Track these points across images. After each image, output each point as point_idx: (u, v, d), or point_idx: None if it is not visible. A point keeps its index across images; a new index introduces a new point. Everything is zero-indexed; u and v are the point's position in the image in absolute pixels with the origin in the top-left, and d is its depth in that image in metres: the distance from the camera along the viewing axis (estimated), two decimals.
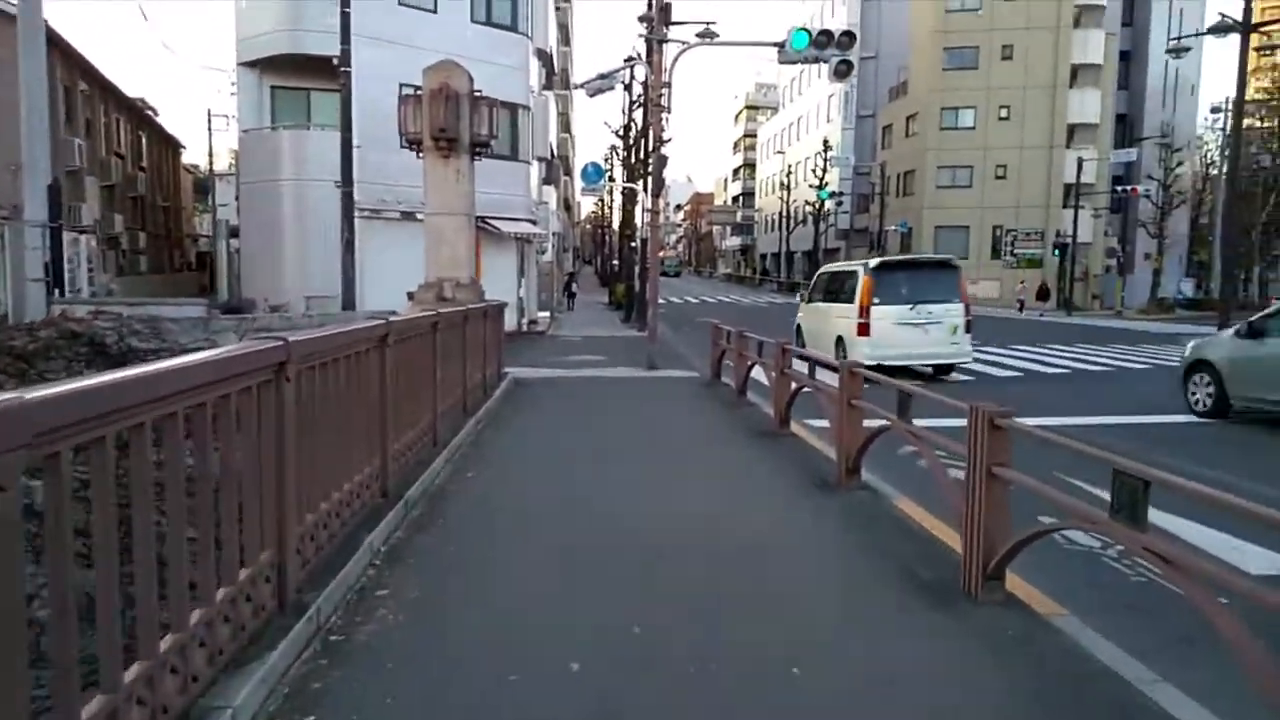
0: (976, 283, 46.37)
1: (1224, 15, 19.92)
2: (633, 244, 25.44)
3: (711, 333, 12.44)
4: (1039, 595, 4.01)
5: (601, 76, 15.78)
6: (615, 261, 37.23)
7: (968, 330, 12.69)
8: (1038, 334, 24.03)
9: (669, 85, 13.88)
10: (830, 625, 3.77)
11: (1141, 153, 43.91)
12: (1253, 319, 9.99)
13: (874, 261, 13.00)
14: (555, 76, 37.58)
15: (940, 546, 4.75)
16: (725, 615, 3.79)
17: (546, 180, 28.86)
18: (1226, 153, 34.38)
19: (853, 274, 12.91)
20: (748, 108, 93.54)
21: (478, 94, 11.75)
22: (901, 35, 51.46)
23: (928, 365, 12.82)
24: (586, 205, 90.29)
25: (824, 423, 7.92)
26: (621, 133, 30.25)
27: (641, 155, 24.32)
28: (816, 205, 49.54)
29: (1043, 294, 39.73)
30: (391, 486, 5.16)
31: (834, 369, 6.38)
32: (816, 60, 13.35)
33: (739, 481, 6.52)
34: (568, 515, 5.38)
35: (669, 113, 13.99)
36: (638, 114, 27.42)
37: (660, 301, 15.36)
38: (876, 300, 12.13)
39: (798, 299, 18.50)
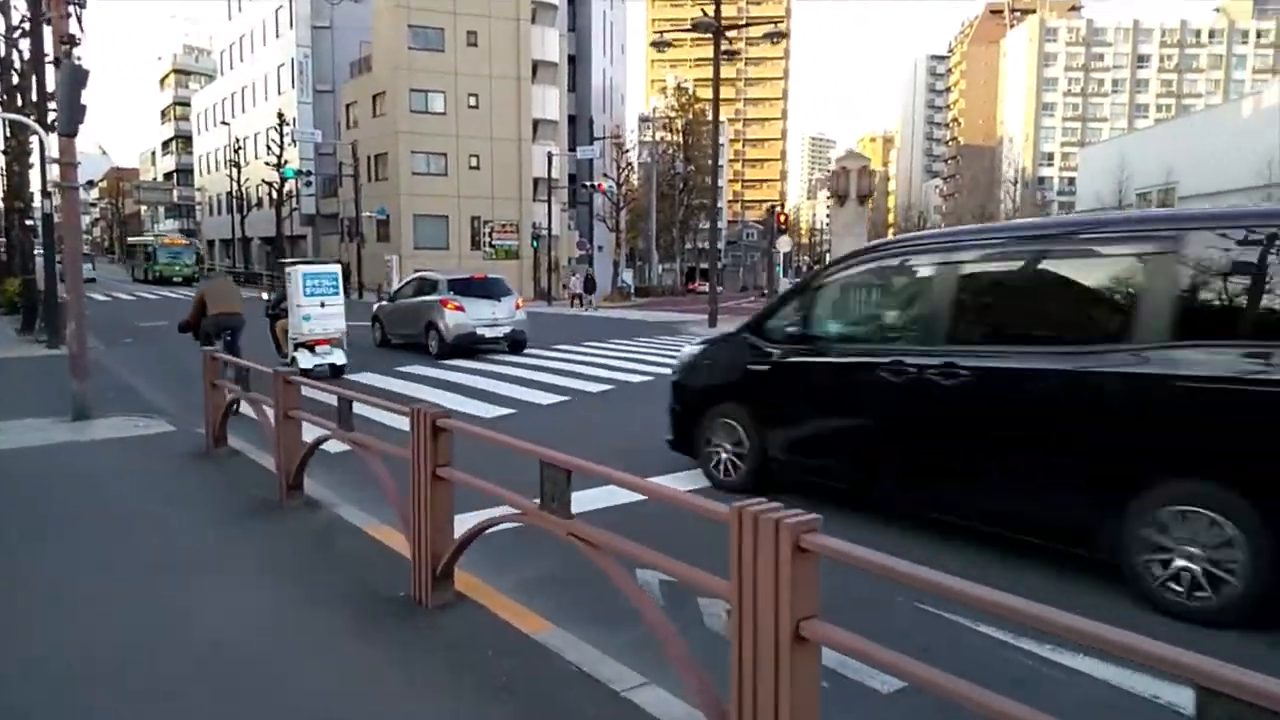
0: None
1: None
2: (27, 220, 17.82)
3: (206, 368, 6.97)
4: None
5: None
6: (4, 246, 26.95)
7: None
8: (578, 331, 22.17)
9: None
10: None
11: (594, 152, 47.32)
12: (388, 293, 19.59)
13: None
14: None
15: None
16: None
17: None
18: (646, 159, 38.41)
19: None
20: (176, 71, 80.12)
21: None
22: (359, 6, 47.76)
23: None
24: None
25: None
26: None
27: (36, 94, 16.88)
28: (278, 185, 43.27)
29: (589, 287, 36.83)
30: None
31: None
32: None
33: None
34: None
35: (83, 7, 8.81)
36: (24, 45, 19.40)
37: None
38: None
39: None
